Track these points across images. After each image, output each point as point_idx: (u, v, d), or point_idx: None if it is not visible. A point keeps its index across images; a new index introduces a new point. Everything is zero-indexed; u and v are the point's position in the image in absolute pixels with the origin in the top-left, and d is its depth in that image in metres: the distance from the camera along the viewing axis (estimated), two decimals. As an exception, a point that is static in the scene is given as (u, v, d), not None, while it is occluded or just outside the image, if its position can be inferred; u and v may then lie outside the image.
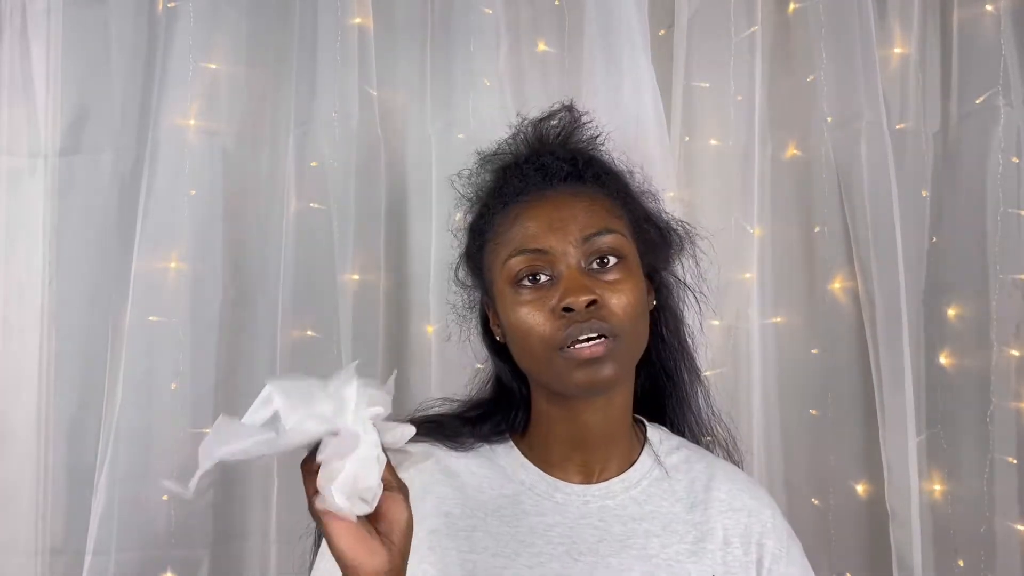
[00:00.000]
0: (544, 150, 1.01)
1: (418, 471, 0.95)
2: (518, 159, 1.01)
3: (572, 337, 0.89)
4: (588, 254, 0.92)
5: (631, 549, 0.93)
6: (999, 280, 1.36)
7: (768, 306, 1.41)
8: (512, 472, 0.98)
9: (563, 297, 0.89)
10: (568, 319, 0.89)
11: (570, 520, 0.94)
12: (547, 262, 0.92)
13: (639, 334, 0.94)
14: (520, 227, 0.94)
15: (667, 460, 1.01)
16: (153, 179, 1.33)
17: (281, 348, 1.33)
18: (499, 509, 0.95)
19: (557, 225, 0.92)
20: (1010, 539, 1.34)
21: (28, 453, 1.36)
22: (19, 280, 1.38)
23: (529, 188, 0.97)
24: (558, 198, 0.95)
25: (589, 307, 0.89)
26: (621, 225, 0.95)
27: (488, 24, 1.38)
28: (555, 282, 0.91)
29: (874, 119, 1.35)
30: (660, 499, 0.97)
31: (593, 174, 0.99)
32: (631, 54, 1.34)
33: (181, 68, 1.34)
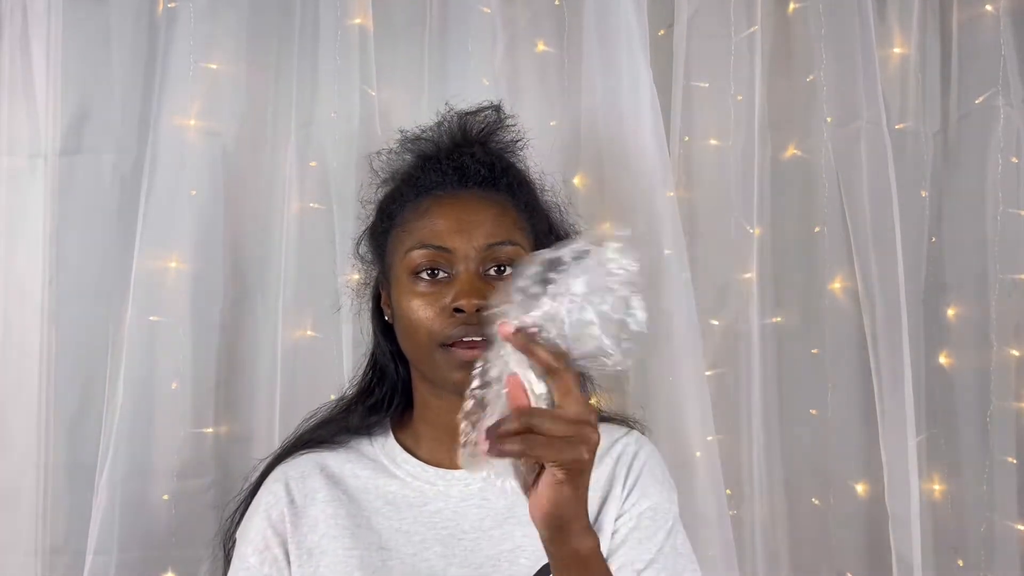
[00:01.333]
0: (465, 145, 1.05)
1: (301, 479, 1.01)
2: (439, 151, 1.05)
3: (456, 336, 0.93)
4: (487, 260, 0.96)
5: (513, 518, 0.98)
6: (999, 280, 1.36)
7: (768, 306, 1.41)
8: (393, 467, 1.02)
9: (456, 297, 0.93)
10: (457, 319, 0.93)
11: (453, 504, 0.99)
12: (448, 260, 0.96)
13: None
14: (429, 221, 0.98)
15: None
16: (153, 179, 1.33)
17: (281, 348, 1.33)
18: (384, 506, 0.99)
19: (464, 227, 0.96)
20: (1009, 539, 1.34)
21: (28, 453, 1.36)
22: (19, 280, 1.37)
23: (444, 184, 1.01)
24: (470, 200, 0.99)
25: (478, 311, 0.92)
26: (522, 236, 0.99)
27: (487, 24, 1.38)
28: (451, 280, 0.96)
29: (874, 119, 1.35)
30: None
31: (507, 183, 1.03)
32: (629, 54, 1.34)
33: (181, 68, 1.34)
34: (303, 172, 1.36)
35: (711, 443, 1.31)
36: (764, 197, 1.41)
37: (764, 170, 1.42)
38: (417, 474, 1.01)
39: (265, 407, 1.35)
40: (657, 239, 1.31)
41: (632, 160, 1.33)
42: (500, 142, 1.08)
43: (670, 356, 1.30)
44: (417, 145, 1.08)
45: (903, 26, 1.43)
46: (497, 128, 1.08)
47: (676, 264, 1.31)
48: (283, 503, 1.00)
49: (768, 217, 1.42)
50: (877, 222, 1.34)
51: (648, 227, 1.31)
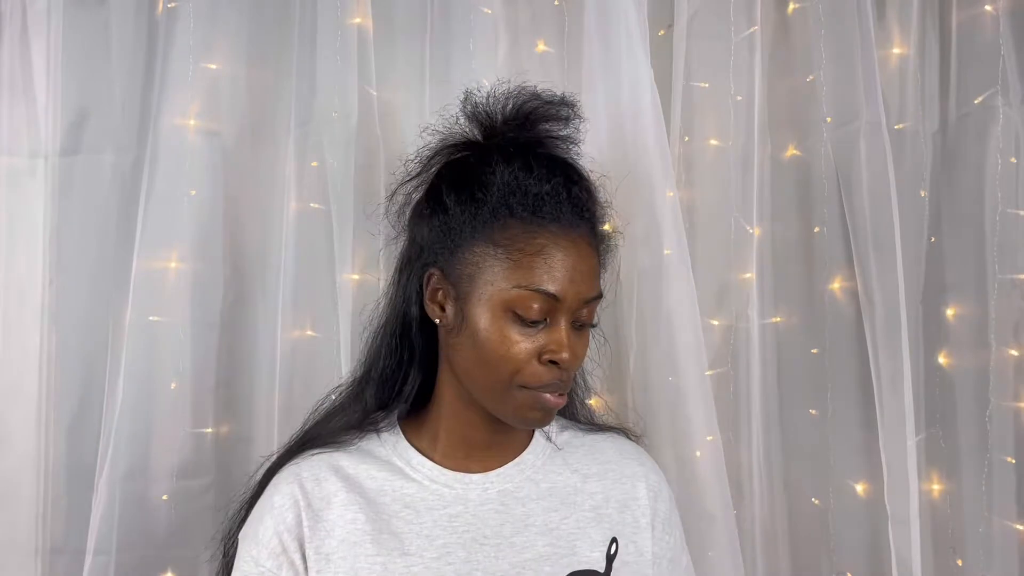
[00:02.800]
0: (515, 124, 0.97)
1: (317, 482, 0.97)
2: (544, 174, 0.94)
3: (553, 388, 0.93)
4: (580, 312, 0.93)
5: (533, 527, 0.97)
6: (998, 280, 1.36)
7: (768, 306, 1.41)
8: (410, 470, 0.99)
9: (556, 349, 0.92)
10: (550, 370, 0.92)
11: (472, 508, 0.98)
12: (552, 309, 0.92)
13: None
14: (545, 262, 0.91)
15: (558, 438, 1.07)
16: (153, 179, 1.33)
17: (281, 348, 1.33)
18: (402, 509, 0.97)
19: (577, 278, 0.92)
20: (1008, 539, 1.34)
21: (28, 453, 1.36)
22: (19, 280, 1.37)
23: (561, 218, 0.93)
24: (581, 247, 0.94)
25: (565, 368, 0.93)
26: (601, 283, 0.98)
27: (487, 24, 1.38)
28: (546, 326, 0.92)
29: (873, 119, 1.35)
30: (556, 475, 1.02)
31: (598, 220, 0.99)
32: (630, 54, 1.34)
33: (181, 68, 1.34)
34: (303, 172, 1.36)
35: (712, 443, 1.31)
36: (764, 197, 1.42)
37: (764, 170, 1.42)
38: (434, 477, 0.99)
39: (264, 407, 1.36)
40: (658, 239, 1.31)
41: (633, 160, 1.33)
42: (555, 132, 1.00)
43: (670, 356, 1.30)
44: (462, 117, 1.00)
45: (903, 26, 1.43)
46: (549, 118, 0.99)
47: (676, 264, 1.31)
48: (300, 506, 0.96)
49: (768, 217, 1.42)
50: (877, 222, 1.34)
51: (649, 227, 1.31)
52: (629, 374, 1.34)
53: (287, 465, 1.01)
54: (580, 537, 0.98)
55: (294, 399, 1.31)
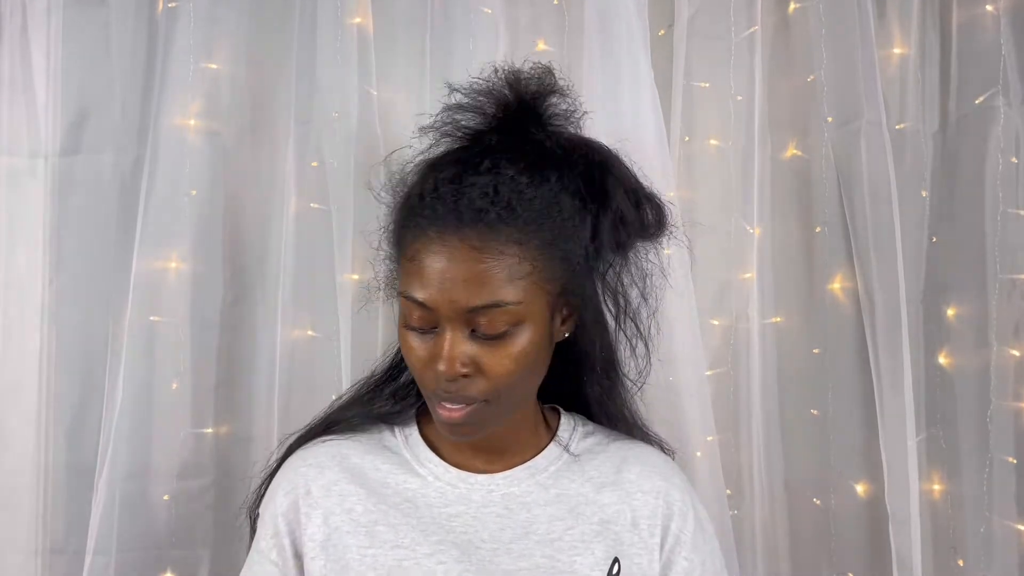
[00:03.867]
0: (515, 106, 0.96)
1: (320, 470, 0.98)
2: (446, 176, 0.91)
3: (440, 397, 0.90)
4: (473, 321, 0.87)
5: (534, 535, 0.94)
6: (998, 280, 1.36)
7: (768, 306, 1.41)
8: (416, 464, 0.99)
9: (433, 360, 0.88)
10: (438, 379, 0.88)
11: (473, 509, 0.96)
12: (434, 317, 0.88)
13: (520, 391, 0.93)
14: (418, 269, 0.88)
15: (580, 444, 1.02)
16: (153, 179, 1.33)
17: (281, 348, 1.33)
18: (402, 503, 0.96)
19: (448, 286, 0.86)
20: (1009, 539, 1.34)
21: (28, 453, 1.36)
22: (19, 280, 1.37)
23: (438, 221, 0.88)
24: (460, 250, 0.86)
25: (460, 377, 0.88)
26: (525, 286, 0.88)
27: (487, 23, 1.38)
28: (438, 335, 0.89)
29: (874, 119, 1.35)
30: (568, 482, 0.98)
31: (517, 221, 0.88)
32: (630, 54, 1.34)
33: (181, 68, 1.34)
34: (303, 172, 1.36)
35: (711, 443, 1.30)
36: (764, 197, 1.42)
37: (764, 170, 1.42)
38: (440, 474, 0.98)
39: (264, 407, 1.36)
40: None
41: (633, 160, 1.32)
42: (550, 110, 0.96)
43: (670, 356, 1.30)
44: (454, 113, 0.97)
45: (903, 26, 1.43)
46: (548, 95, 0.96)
47: (676, 264, 1.31)
48: (299, 492, 0.97)
49: (768, 217, 1.42)
50: (877, 222, 1.34)
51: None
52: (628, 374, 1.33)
53: (299, 449, 1.02)
54: (582, 552, 0.94)
55: (294, 399, 1.31)
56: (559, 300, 0.93)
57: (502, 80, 0.97)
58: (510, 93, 0.97)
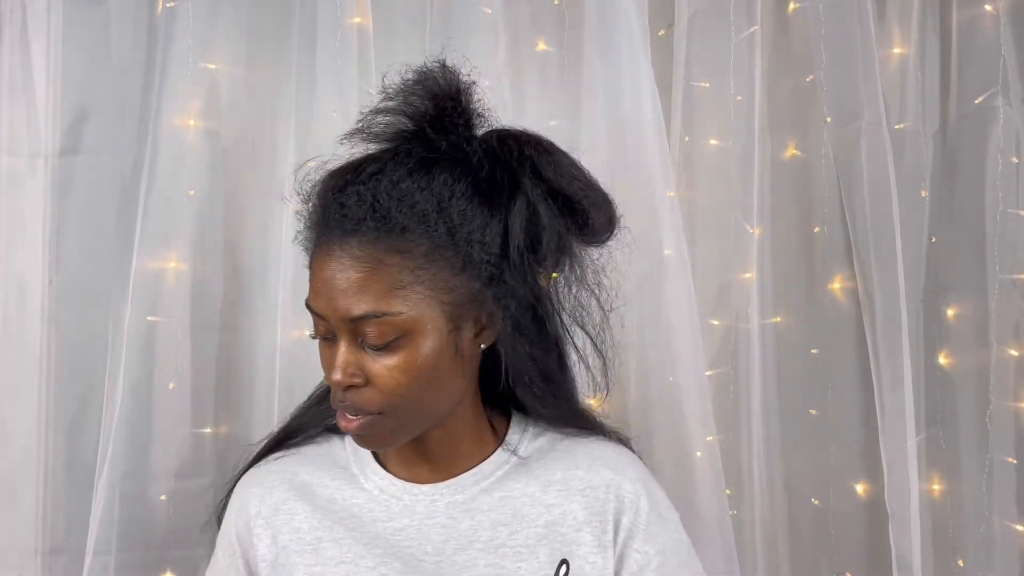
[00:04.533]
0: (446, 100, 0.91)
1: (268, 490, 0.98)
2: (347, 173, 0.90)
3: (337, 405, 0.89)
4: (358, 331, 0.86)
5: (477, 543, 0.93)
6: (998, 280, 1.36)
7: (768, 306, 1.41)
8: (363, 478, 0.98)
9: (330, 368, 0.88)
10: (336, 388, 0.88)
11: (418, 521, 0.94)
12: (330, 328, 0.88)
13: (421, 403, 0.89)
14: (312, 278, 0.88)
15: (529, 446, 0.99)
16: (153, 179, 1.32)
17: (280, 348, 1.33)
18: (348, 518, 0.95)
19: (332, 295, 0.85)
20: (1009, 539, 1.34)
21: (28, 453, 1.35)
22: (19, 280, 1.37)
23: (327, 230, 0.87)
24: (342, 259, 0.85)
25: (351, 388, 0.87)
26: (410, 295, 0.85)
27: (487, 23, 1.38)
28: (335, 342, 0.88)
29: (874, 119, 1.35)
30: (514, 484, 0.96)
31: (403, 227, 0.85)
32: (630, 54, 1.34)
33: (181, 68, 1.34)
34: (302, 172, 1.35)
35: (711, 443, 1.30)
36: (764, 197, 1.41)
37: (764, 170, 1.42)
38: (384, 487, 0.97)
39: (264, 407, 1.35)
40: (657, 239, 1.31)
41: (632, 159, 1.33)
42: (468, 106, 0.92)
43: (670, 356, 1.30)
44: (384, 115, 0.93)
45: (903, 26, 1.43)
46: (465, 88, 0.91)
47: (676, 264, 1.31)
48: (250, 512, 0.98)
49: (768, 217, 1.42)
50: (877, 222, 1.34)
51: (648, 227, 1.31)
52: (628, 374, 1.33)
53: (252, 468, 1.03)
54: (527, 557, 0.92)
55: (294, 399, 1.30)
56: (462, 310, 0.88)
57: (422, 79, 0.93)
58: (425, 95, 0.92)
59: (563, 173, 0.91)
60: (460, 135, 0.90)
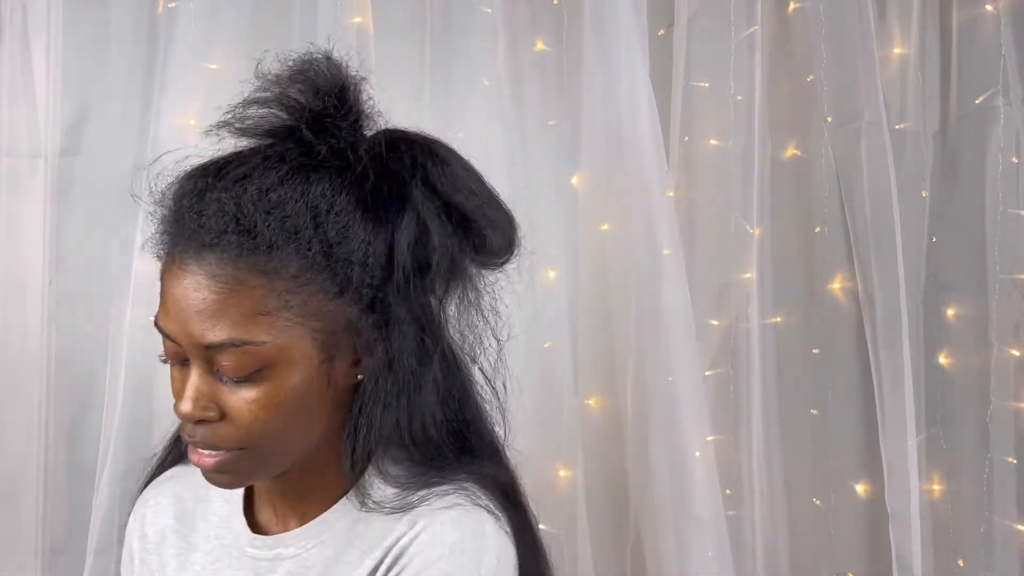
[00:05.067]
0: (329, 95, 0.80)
1: (156, 512, 0.91)
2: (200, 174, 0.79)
3: (187, 438, 0.77)
4: (214, 360, 0.73)
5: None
6: (999, 280, 1.36)
7: (768, 306, 1.41)
8: (232, 519, 0.87)
9: (179, 397, 0.75)
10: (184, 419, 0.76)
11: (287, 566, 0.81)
12: (181, 352, 0.74)
13: (284, 440, 0.76)
14: (162, 294, 0.75)
15: (380, 493, 0.81)
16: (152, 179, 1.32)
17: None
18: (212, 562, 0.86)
19: (185, 317, 0.72)
20: (1009, 539, 1.34)
21: (28, 453, 1.35)
22: (19, 280, 1.37)
23: (182, 241, 0.74)
24: (198, 277, 0.72)
25: (203, 422, 0.75)
26: (276, 321, 0.72)
27: (487, 23, 1.38)
28: (188, 368, 0.75)
29: (874, 119, 1.35)
30: (343, 543, 0.81)
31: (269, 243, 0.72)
32: (628, 54, 1.34)
33: (181, 68, 1.34)
34: (302, 172, 1.35)
35: (710, 443, 1.30)
36: (764, 197, 1.41)
37: (764, 170, 1.42)
38: (238, 534, 0.85)
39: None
40: (656, 239, 1.31)
41: (630, 160, 1.33)
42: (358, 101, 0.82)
43: (667, 356, 1.30)
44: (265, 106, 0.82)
45: (903, 26, 1.43)
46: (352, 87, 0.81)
47: (674, 264, 1.31)
48: (136, 536, 0.91)
49: (768, 217, 1.42)
50: (877, 222, 1.34)
51: (645, 227, 1.31)
52: (627, 375, 1.33)
53: (151, 482, 0.94)
54: None
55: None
56: (337, 338, 0.76)
57: (303, 69, 0.82)
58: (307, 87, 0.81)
59: (460, 186, 0.79)
60: (343, 138, 0.78)
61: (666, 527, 1.27)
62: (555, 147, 1.37)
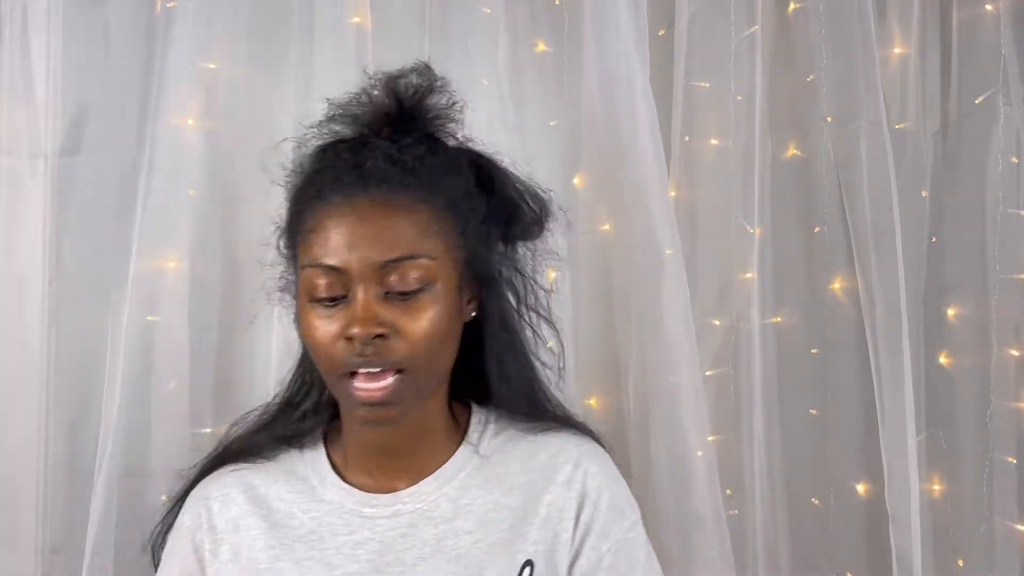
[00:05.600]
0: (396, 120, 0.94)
1: (225, 502, 0.95)
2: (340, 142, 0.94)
3: (354, 366, 0.85)
4: (387, 280, 0.86)
5: (442, 552, 0.90)
6: (999, 280, 1.36)
7: (768, 306, 1.41)
8: (322, 491, 0.96)
9: (349, 324, 0.85)
10: (353, 347, 0.85)
11: (379, 534, 0.92)
12: (343, 282, 0.86)
13: (435, 363, 0.90)
14: (323, 235, 0.87)
15: (491, 443, 0.97)
16: (152, 179, 1.32)
17: (280, 348, 1.32)
18: (308, 534, 0.93)
19: (358, 243, 0.85)
20: (1010, 539, 1.34)
21: (28, 452, 1.35)
22: (19, 280, 1.37)
23: (342, 187, 0.88)
24: (366, 208, 0.87)
25: (378, 338, 0.84)
26: (436, 243, 0.88)
27: (487, 24, 1.38)
28: (349, 302, 0.86)
29: (874, 119, 1.35)
30: (477, 490, 0.94)
31: (421, 181, 0.89)
32: (628, 54, 1.34)
33: (181, 68, 1.34)
34: (302, 172, 1.35)
35: (711, 443, 1.30)
36: (764, 197, 1.41)
37: (764, 170, 1.42)
38: (344, 499, 0.94)
39: (263, 408, 1.35)
40: (656, 239, 1.31)
41: (631, 160, 1.33)
42: (433, 108, 0.95)
43: (668, 356, 1.30)
44: (345, 117, 0.96)
45: (903, 26, 1.43)
46: (430, 91, 0.95)
47: (675, 264, 1.31)
48: (204, 528, 0.95)
49: (768, 217, 1.42)
50: (877, 222, 1.34)
51: (645, 228, 1.31)
52: (627, 374, 1.33)
53: (202, 481, 0.99)
54: (489, 565, 0.90)
55: (293, 399, 1.31)
56: (464, 272, 0.92)
57: (380, 86, 0.95)
58: (389, 99, 0.94)
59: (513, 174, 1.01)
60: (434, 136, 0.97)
61: (668, 527, 1.27)
62: (556, 147, 1.37)
